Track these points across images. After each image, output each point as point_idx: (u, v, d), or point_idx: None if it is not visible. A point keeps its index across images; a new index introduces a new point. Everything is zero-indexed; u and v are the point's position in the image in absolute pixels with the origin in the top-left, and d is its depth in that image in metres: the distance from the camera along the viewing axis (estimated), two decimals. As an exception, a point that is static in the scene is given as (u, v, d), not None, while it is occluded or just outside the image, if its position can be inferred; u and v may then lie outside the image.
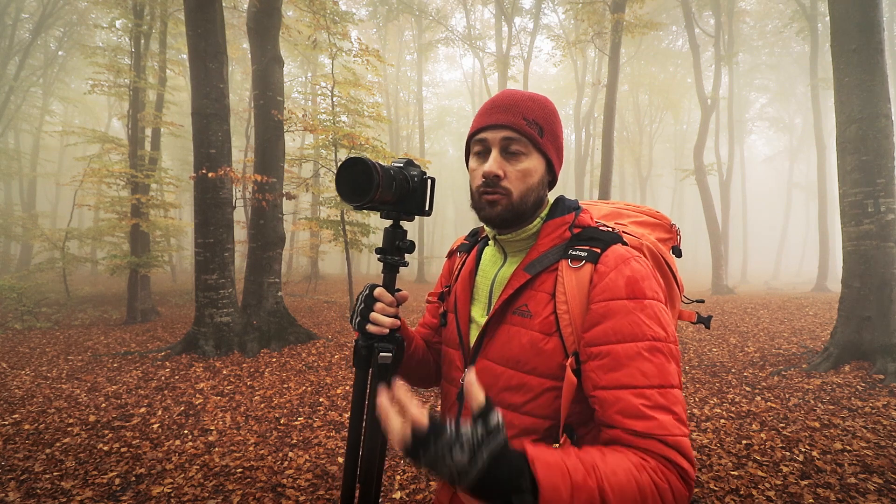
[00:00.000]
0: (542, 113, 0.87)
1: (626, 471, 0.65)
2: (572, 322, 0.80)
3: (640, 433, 0.69)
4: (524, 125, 0.84)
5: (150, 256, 9.87)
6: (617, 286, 0.78)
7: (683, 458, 0.68)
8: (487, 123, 0.86)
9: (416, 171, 0.92)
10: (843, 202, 5.28)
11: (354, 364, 0.89)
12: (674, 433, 0.69)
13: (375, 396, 0.84)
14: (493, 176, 0.84)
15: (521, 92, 0.89)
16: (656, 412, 0.69)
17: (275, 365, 5.85)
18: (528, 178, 0.86)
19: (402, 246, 0.90)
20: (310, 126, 8.36)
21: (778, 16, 21.33)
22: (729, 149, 19.65)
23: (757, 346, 6.46)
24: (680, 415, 0.71)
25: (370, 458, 0.83)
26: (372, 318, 0.87)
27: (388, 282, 0.91)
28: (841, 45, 5.24)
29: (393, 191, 0.86)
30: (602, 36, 13.06)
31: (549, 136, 0.88)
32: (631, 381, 0.72)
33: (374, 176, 0.80)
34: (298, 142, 20.63)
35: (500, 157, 0.85)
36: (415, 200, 0.92)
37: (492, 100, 0.89)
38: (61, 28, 18.71)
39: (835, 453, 3.12)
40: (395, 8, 20.48)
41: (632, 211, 1.07)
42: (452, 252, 1.13)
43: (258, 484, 2.94)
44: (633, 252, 0.83)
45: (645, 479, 0.65)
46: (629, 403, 0.71)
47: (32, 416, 4.08)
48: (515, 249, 0.93)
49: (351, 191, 0.82)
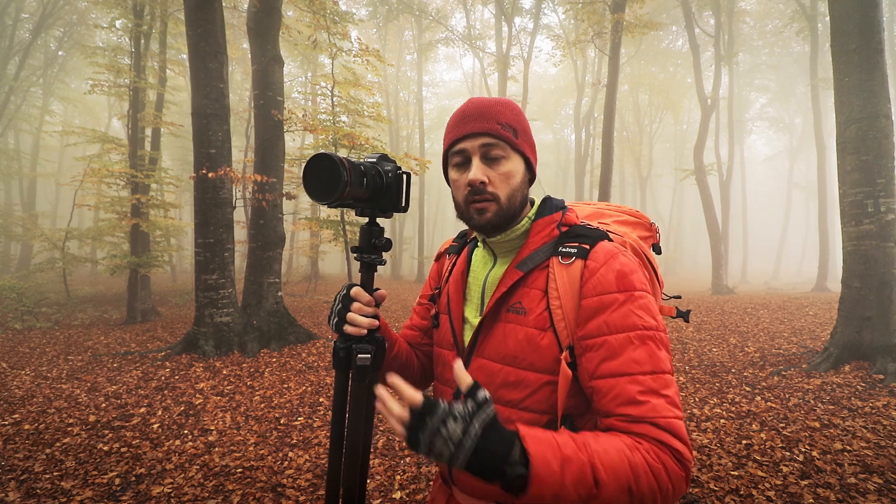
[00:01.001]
0: (513, 115, 0.89)
1: (618, 450, 0.67)
2: (565, 317, 0.82)
3: (633, 418, 0.71)
4: (500, 129, 0.86)
5: (150, 256, 9.86)
6: (608, 280, 0.80)
7: (677, 440, 0.69)
8: (464, 133, 0.87)
9: (390, 167, 0.89)
10: (843, 202, 5.28)
11: (334, 366, 0.88)
12: (666, 415, 0.71)
13: (356, 398, 0.84)
14: (479, 183, 0.85)
15: (488, 99, 0.91)
16: (649, 396, 0.72)
17: (275, 365, 5.85)
18: (512, 180, 0.88)
19: (378, 244, 0.88)
20: (310, 126, 8.36)
21: (778, 16, 21.34)
22: (729, 149, 19.65)
23: (757, 346, 6.46)
24: (672, 398, 0.73)
25: (352, 460, 0.82)
26: (349, 319, 0.86)
27: (365, 281, 0.89)
28: (841, 45, 5.24)
29: (364, 187, 0.84)
30: (602, 36, 13.07)
31: (522, 136, 0.90)
32: (624, 369, 0.74)
33: (341, 172, 0.78)
34: (298, 142, 20.63)
35: (481, 163, 0.86)
36: (390, 196, 0.89)
37: (461, 111, 0.90)
38: (61, 28, 18.70)
39: (835, 453, 3.12)
40: (395, 8, 20.47)
41: (613, 211, 1.10)
42: (441, 255, 1.14)
43: (258, 484, 2.94)
44: (620, 248, 0.86)
45: (638, 458, 0.67)
46: (623, 390, 0.73)
47: (32, 416, 4.08)
48: (505, 250, 0.94)
49: (318, 189, 0.80)
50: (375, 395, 0.69)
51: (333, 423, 0.86)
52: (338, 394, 0.87)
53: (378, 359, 0.86)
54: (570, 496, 0.63)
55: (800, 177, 33.23)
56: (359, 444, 0.82)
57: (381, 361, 0.88)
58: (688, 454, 0.70)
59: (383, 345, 0.88)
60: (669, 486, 0.67)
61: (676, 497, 0.69)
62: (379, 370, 0.88)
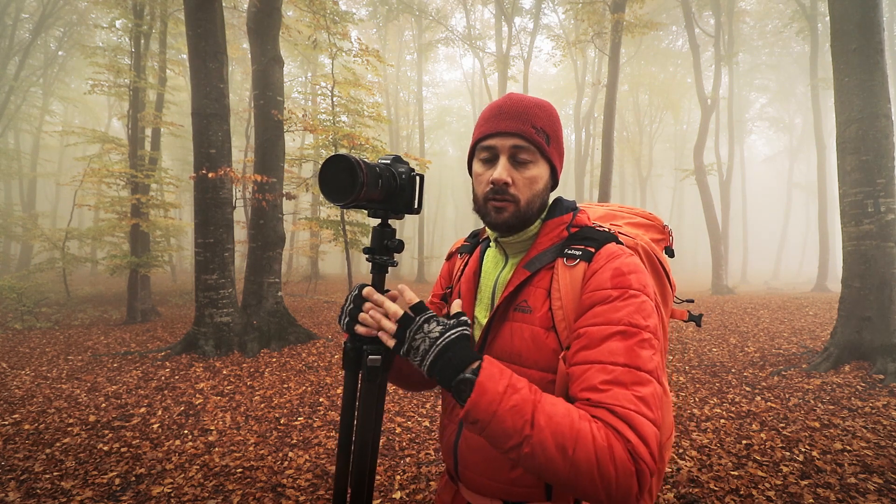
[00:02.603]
0: (549, 121, 0.88)
1: (567, 410, 0.68)
2: (566, 318, 0.83)
3: (592, 402, 0.70)
4: (533, 133, 0.85)
5: (150, 256, 9.87)
6: (603, 278, 0.80)
7: (633, 433, 0.65)
8: (496, 130, 0.86)
9: (403, 168, 0.90)
10: (843, 202, 5.28)
11: (343, 366, 0.88)
12: (626, 406, 0.67)
13: (366, 399, 0.84)
14: (502, 183, 0.85)
15: (527, 98, 0.89)
16: (613, 386, 0.70)
17: (275, 365, 5.85)
18: (535, 185, 0.87)
19: (390, 245, 0.88)
20: (310, 126, 8.36)
21: (778, 16, 21.33)
22: (729, 149, 19.64)
23: (757, 346, 6.46)
24: (641, 394, 0.69)
25: (361, 461, 0.82)
26: (360, 319, 0.84)
27: (377, 282, 0.88)
28: (841, 45, 5.24)
29: (379, 189, 0.84)
30: (602, 36, 13.07)
31: (554, 144, 0.89)
32: (597, 357, 0.73)
33: (357, 174, 0.77)
34: (298, 142, 20.63)
35: (508, 164, 0.86)
36: (403, 198, 0.89)
37: (498, 105, 0.88)
38: (61, 28, 18.70)
39: (835, 453, 3.12)
40: (395, 8, 20.48)
41: (626, 213, 1.09)
42: (452, 254, 1.14)
43: (258, 484, 2.94)
44: (625, 249, 0.85)
45: (584, 427, 0.65)
46: (590, 376, 0.72)
47: (32, 416, 4.08)
48: (517, 251, 0.95)
49: (334, 189, 0.80)
50: (384, 396, 0.72)
51: (342, 423, 0.86)
52: (347, 394, 0.87)
53: (389, 359, 0.85)
54: (504, 419, 0.66)
55: (800, 177, 33.24)
56: (368, 444, 0.82)
57: (391, 363, 0.87)
58: (644, 453, 0.65)
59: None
60: (612, 471, 0.63)
61: (619, 490, 0.63)
62: (389, 370, 0.87)
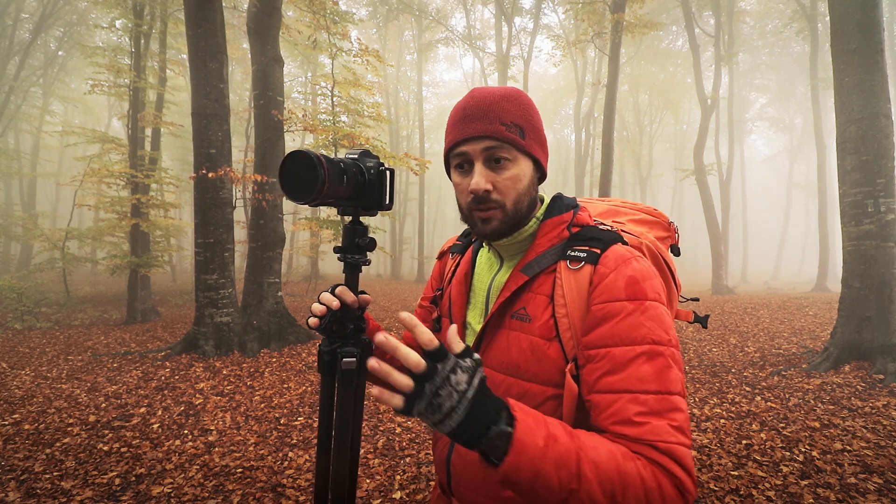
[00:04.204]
0: (519, 112, 0.80)
1: (610, 452, 0.61)
2: (571, 326, 0.76)
3: (630, 438, 0.64)
4: (504, 131, 0.78)
5: (150, 256, 9.87)
6: (616, 287, 0.73)
7: (679, 467, 0.61)
8: (464, 136, 0.79)
9: (372, 163, 0.85)
10: (843, 202, 5.28)
11: (318, 370, 0.84)
12: (667, 440, 0.63)
13: (342, 404, 0.80)
14: (482, 191, 0.79)
15: (491, 92, 0.81)
16: (650, 418, 0.64)
17: (275, 365, 5.85)
18: (519, 184, 0.81)
19: (362, 243, 0.84)
20: (310, 126, 8.37)
21: (778, 16, 21.33)
22: (729, 149, 19.65)
23: (757, 346, 6.46)
24: (678, 422, 0.65)
25: (340, 466, 0.79)
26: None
27: (350, 281, 0.84)
28: (841, 45, 5.24)
29: (345, 185, 0.80)
30: (602, 36, 13.07)
31: (531, 135, 0.82)
32: (626, 386, 0.67)
33: (318, 170, 0.74)
34: (298, 142, 20.64)
35: (484, 169, 0.79)
36: (372, 194, 0.85)
37: (461, 106, 0.81)
38: (61, 28, 18.69)
39: (835, 453, 3.12)
40: (395, 8, 20.47)
41: (629, 209, 1.03)
42: (443, 253, 1.08)
43: (258, 484, 2.94)
44: (633, 252, 0.79)
45: (631, 468, 0.60)
46: (621, 408, 0.66)
47: (32, 416, 4.08)
48: (512, 253, 0.89)
49: (295, 188, 0.76)
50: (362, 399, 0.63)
51: (320, 428, 0.83)
52: (324, 399, 0.83)
53: (364, 362, 0.81)
54: (549, 477, 0.57)
55: (800, 177, 33.24)
56: (346, 450, 0.79)
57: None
58: (691, 486, 0.61)
59: (370, 348, 0.84)
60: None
61: None
62: (366, 373, 0.82)
